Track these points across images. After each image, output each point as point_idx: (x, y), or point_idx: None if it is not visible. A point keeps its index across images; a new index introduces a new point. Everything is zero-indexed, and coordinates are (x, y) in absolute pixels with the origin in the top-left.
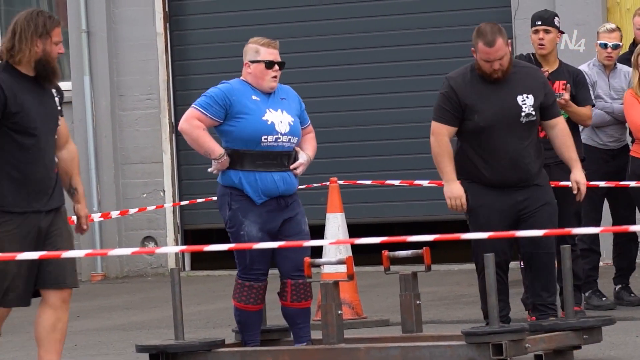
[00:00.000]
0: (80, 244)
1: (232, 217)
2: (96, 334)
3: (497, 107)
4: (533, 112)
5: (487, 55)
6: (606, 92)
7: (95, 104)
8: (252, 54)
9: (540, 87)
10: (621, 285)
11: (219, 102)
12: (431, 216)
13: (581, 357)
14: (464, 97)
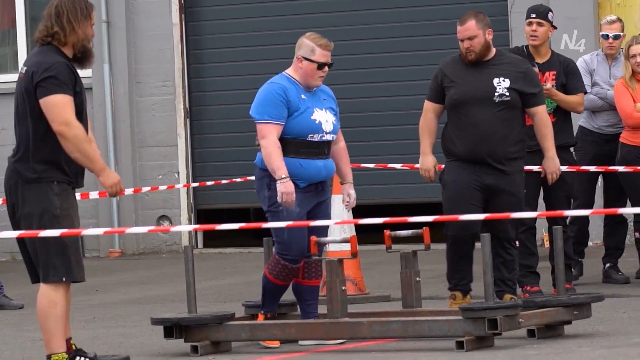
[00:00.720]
0: (99, 222)
1: (272, 196)
2: (113, 307)
3: (472, 84)
4: (507, 94)
5: (459, 33)
6: (605, 80)
7: (114, 91)
8: (306, 50)
9: (519, 75)
10: (610, 265)
11: (283, 105)
12: (431, 198)
13: (571, 332)
14: (447, 74)
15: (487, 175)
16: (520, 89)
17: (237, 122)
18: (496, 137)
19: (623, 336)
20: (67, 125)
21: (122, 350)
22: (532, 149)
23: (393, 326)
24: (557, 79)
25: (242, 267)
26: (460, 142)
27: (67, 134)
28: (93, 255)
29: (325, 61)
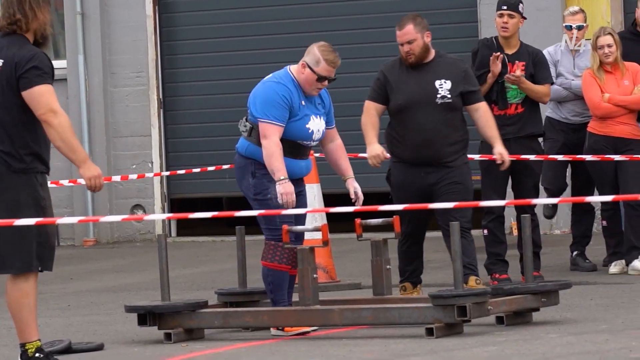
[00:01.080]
0: (73, 211)
1: (257, 184)
2: (88, 295)
3: (415, 88)
4: (449, 95)
5: (398, 37)
6: (569, 70)
7: (89, 81)
8: (312, 60)
9: (460, 76)
10: (577, 252)
11: (286, 108)
12: None
13: (539, 319)
14: (390, 78)
15: (431, 175)
16: (462, 89)
17: (211, 112)
18: (439, 139)
19: (590, 323)
20: (53, 113)
21: (96, 337)
22: (502, 138)
23: (364, 313)
24: (526, 69)
25: (215, 256)
26: (405, 144)
27: (53, 121)
28: (68, 244)
29: (326, 75)
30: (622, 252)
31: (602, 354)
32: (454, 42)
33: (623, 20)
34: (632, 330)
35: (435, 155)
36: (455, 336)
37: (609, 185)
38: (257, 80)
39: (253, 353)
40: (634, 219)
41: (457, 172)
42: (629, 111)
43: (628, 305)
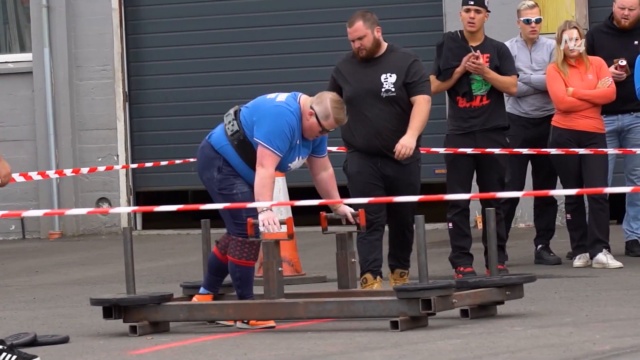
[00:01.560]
0: (39, 204)
1: (223, 179)
2: (54, 288)
3: (362, 81)
4: (393, 89)
5: (349, 34)
6: (527, 65)
7: (54, 74)
8: (322, 112)
9: (404, 69)
10: (541, 246)
11: (288, 142)
12: None
13: (504, 312)
14: (342, 72)
15: (385, 167)
16: (405, 81)
17: (176, 105)
18: (387, 131)
19: (554, 316)
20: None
21: (62, 330)
22: (465, 131)
23: (328, 307)
24: (490, 62)
25: (180, 249)
26: (358, 135)
27: None
28: (33, 236)
29: (329, 129)
30: (587, 246)
31: (566, 346)
32: (419, 35)
33: (587, 14)
34: (596, 323)
35: (385, 145)
36: (420, 329)
37: (573, 179)
38: (223, 74)
39: (218, 346)
40: (598, 212)
41: (408, 171)
42: (593, 105)
43: (592, 299)
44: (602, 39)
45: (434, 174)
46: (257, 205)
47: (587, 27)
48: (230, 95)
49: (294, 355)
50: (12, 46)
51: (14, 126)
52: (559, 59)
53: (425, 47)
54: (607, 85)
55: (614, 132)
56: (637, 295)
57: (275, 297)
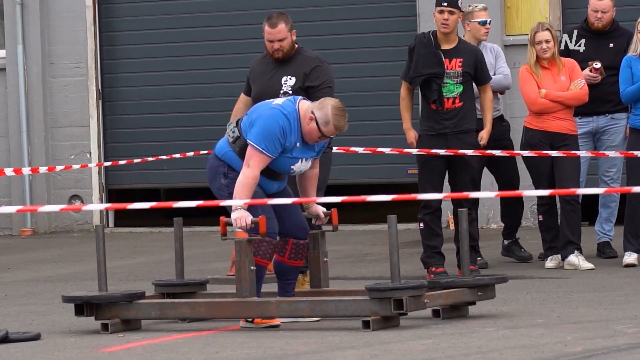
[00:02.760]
0: (11, 201)
1: (230, 183)
2: (25, 285)
3: (264, 82)
4: (290, 92)
5: (269, 34)
6: None
7: (28, 71)
8: (322, 118)
9: (305, 73)
10: (511, 240)
11: (279, 144)
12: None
13: (476, 313)
14: (253, 71)
15: None
16: (306, 84)
17: (149, 103)
18: None
19: (526, 317)
20: None
21: (33, 327)
22: (436, 132)
23: (301, 305)
24: (463, 65)
25: (152, 247)
26: None
27: None
28: (5, 233)
29: (329, 136)
30: (558, 247)
31: (537, 347)
32: (393, 36)
33: (561, 15)
34: (567, 325)
35: None
36: (392, 329)
37: (545, 180)
38: (197, 72)
39: (190, 344)
40: (570, 214)
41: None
42: (565, 107)
43: (564, 300)
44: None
45: (406, 174)
46: (232, 203)
47: (560, 29)
48: (203, 94)
49: (265, 354)
50: None
51: None
52: (531, 61)
53: (398, 47)
54: (579, 87)
55: (588, 134)
56: (609, 297)
57: (247, 296)
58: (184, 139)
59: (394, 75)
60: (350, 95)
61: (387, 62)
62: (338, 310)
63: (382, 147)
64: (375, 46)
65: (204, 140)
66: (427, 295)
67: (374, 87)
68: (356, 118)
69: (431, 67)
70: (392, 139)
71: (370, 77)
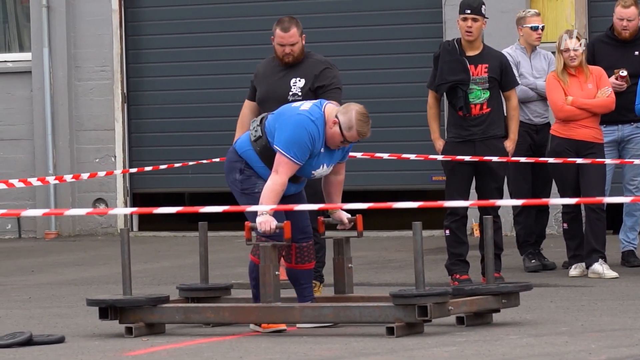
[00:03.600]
0: (36, 204)
1: (245, 180)
2: (49, 288)
3: (272, 84)
4: (299, 93)
5: (282, 39)
6: (529, 72)
7: (53, 74)
8: (346, 122)
9: (315, 74)
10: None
11: (308, 151)
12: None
13: (500, 320)
14: (258, 75)
15: None
16: (315, 85)
17: (174, 107)
18: None
19: (550, 325)
20: None
21: (57, 330)
22: (464, 139)
23: (325, 311)
24: (489, 71)
25: (176, 251)
26: None
27: None
28: (29, 236)
29: (351, 141)
30: (583, 255)
31: (561, 356)
32: (418, 42)
33: (587, 23)
34: (591, 333)
35: None
36: (416, 336)
37: (570, 188)
38: (222, 76)
39: (214, 348)
40: (595, 222)
41: None
42: (592, 115)
43: (588, 308)
44: (603, 49)
45: (431, 181)
46: (258, 209)
47: (586, 36)
48: (228, 98)
49: (289, 359)
50: (12, 45)
51: (11, 125)
52: (558, 68)
53: (424, 54)
54: (606, 95)
55: (613, 142)
56: (633, 305)
57: (271, 301)
58: (209, 144)
59: (419, 82)
60: (376, 101)
61: (413, 69)
62: (362, 316)
63: (407, 154)
64: (401, 53)
65: (228, 145)
66: (451, 302)
67: (400, 93)
68: (382, 124)
69: (456, 73)
70: (417, 145)
71: (395, 84)
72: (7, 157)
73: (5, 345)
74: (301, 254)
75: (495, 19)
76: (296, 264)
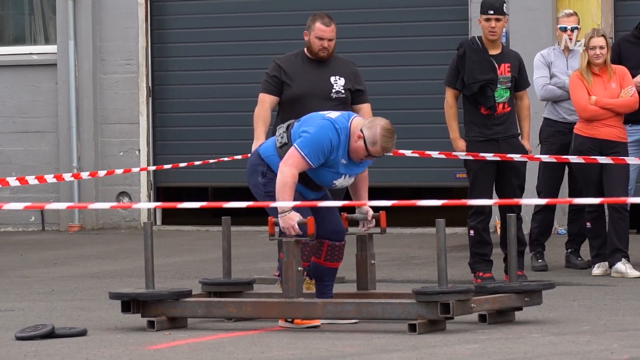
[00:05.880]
0: (59, 197)
1: (268, 182)
2: (72, 281)
3: (312, 80)
4: (342, 91)
5: (323, 33)
6: (563, 71)
7: (79, 67)
8: (370, 137)
9: (351, 75)
10: (571, 250)
11: (323, 156)
12: (390, 182)
13: (522, 318)
14: (287, 71)
15: None
16: (352, 87)
17: (199, 102)
18: None
19: (572, 323)
20: None
21: (79, 323)
22: (488, 138)
23: (347, 307)
24: (511, 70)
25: (199, 245)
26: None
27: None
28: (53, 229)
29: (376, 156)
30: (606, 254)
31: (583, 354)
32: (443, 39)
33: (613, 22)
34: (613, 332)
35: None
36: (438, 333)
37: (593, 187)
38: (247, 71)
39: (235, 343)
40: (618, 221)
41: None
42: (615, 114)
43: (610, 307)
44: (629, 49)
45: (455, 178)
46: (279, 205)
47: (612, 36)
48: (253, 93)
49: (311, 355)
50: (37, 38)
51: (36, 118)
52: (582, 66)
53: (449, 51)
54: (630, 95)
55: (638, 142)
56: None
57: (294, 296)
58: (234, 138)
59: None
60: (400, 98)
61: (437, 66)
62: (384, 312)
63: (430, 151)
64: (426, 49)
65: (253, 140)
66: (474, 300)
67: (424, 90)
68: (405, 121)
69: (486, 72)
70: (440, 142)
71: (420, 80)
72: (32, 149)
73: (27, 337)
74: (332, 252)
75: (520, 17)
76: (325, 261)
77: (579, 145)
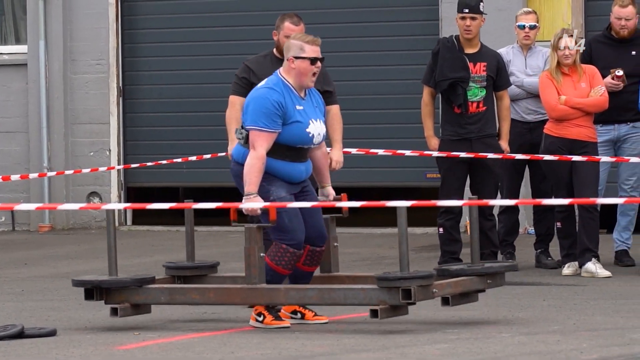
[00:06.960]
0: (30, 197)
1: (259, 189)
2: (42, 281)
3: None
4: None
5: (292, 32)
6: (521, 70)
7: (49, 67)
8: (296, 50)
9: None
10: (540, 250)
11: (278, 115)
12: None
13: (492, 318)
14: (257, 72)
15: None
16: (321, 88)
17: (170, 102)
18: None
19: (542, 323)
20: None
21: (49, 323)
22: (461, 137)
23: (309, 293)
24: (487, 69)
25: (170, 245)
26: None
27: None
28: (23, 229)
29: (316, 56)
30: (576, 254)
31: (553, 354)
32: (415, 39)
33: (583, 23)
34: (583, 332)
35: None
36: (407, 333)
37: (564, 187)
38: (218, 71)
39: (205, 343)
40: (588, 221)
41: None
42: (585, 114)
43: (580, 307)
44: (600, 49)
45: (425, 178)
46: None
47: (583, 36)
48: (224, 93)
49: (280, 355)
50: (8, 38)
51: (6, 118)
52: (552, 66)
53: (420, 51)
54: (599, 94)
55: (609, 142)
56: (625, 305)
57: (256, 282)
58: (204, 138)
59: (415, 79)
60: (371, 98)
61: (409, 66)
62: (347, 298)
63: (402, 150)
64: (397, 49)
65: (224, 140)
66: (436, 285)
67: (395, 90)
68: (376, 121)
69: (457, 71)
70: (412, 142)
71: (391, 80)
72: (2, 149)
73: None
74: (312, 257)
75: (492, 17)
76: (303, 265)
77: (549, 145)
